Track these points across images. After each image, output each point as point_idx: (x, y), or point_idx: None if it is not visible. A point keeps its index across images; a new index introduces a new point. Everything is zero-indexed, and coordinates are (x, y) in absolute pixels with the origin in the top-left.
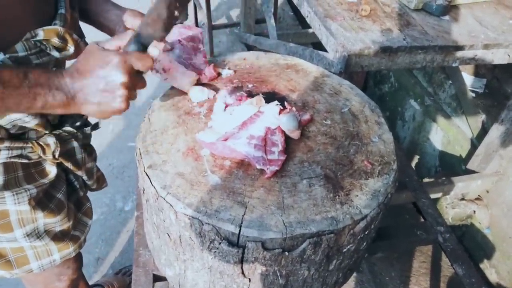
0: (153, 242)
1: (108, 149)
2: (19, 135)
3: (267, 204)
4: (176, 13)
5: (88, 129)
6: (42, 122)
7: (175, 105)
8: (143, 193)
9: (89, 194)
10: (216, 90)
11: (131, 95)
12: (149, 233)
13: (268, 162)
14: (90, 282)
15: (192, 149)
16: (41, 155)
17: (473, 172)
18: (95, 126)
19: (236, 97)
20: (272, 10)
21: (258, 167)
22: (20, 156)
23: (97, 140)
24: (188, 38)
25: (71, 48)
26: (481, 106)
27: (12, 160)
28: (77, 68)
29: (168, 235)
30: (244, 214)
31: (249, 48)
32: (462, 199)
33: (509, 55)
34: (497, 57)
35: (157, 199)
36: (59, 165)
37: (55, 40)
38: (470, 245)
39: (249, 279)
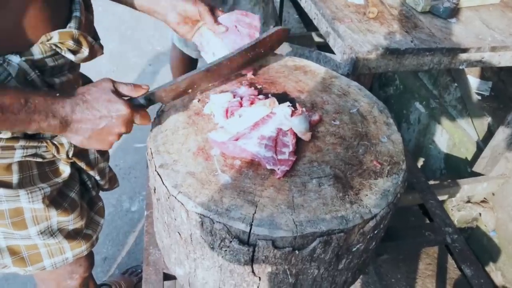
0: (163, 241)
1: (114, 150)
2: (34, 134)
3: (277, 203)
4: (190, 91)
5: None
6: None
7: (185, 105)
8: (154, 192)
9: None
10: (226, 90)
11: (117, 140)
12: (159, 232)
13: (278, 162)
14: (97, 282)
15: (203, 149)
16: (55, 154)
17: (479, 174)
18: None
19: (248, 98)
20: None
21: (268, 167)
22: (34, 155)
23: None
24: (245, 24)
25: (85, 51)
26: (487, 109)
27: (27, 159)
28: (85, 99)
29: (179, 233)
30: (255, 213)
31: None
32: (468, 201)
33: None
34: (504, 59)
35: (168, 198)
36: (73, 165)
37: (70, 43)
38: (476, 248)
39: (259, 277)
